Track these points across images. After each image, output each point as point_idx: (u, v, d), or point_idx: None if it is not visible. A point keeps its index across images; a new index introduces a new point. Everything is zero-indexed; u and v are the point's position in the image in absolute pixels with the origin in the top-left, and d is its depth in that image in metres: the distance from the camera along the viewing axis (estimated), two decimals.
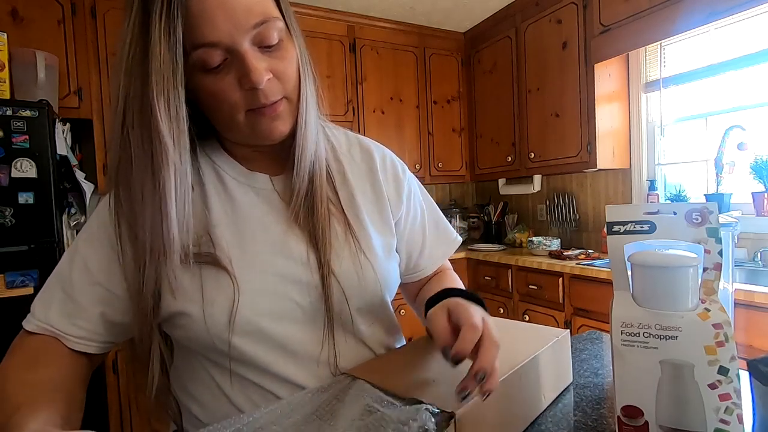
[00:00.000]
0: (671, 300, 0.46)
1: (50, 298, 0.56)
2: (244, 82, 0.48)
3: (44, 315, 0.55)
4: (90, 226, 0.57)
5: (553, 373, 0.61)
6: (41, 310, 0.56)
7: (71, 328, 0.55)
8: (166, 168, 0.47)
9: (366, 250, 0.59)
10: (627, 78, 2.31)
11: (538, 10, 2.50)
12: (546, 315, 2.22)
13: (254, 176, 0.60)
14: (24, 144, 1.59)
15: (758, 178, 1.80)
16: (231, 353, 0.53)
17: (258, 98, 0.50)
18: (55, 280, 0.57)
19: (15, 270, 1.58)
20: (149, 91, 0.45)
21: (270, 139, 0.54)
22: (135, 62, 0.46)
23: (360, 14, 2.72)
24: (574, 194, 2.67)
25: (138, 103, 0.46)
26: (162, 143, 0.46)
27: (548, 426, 0.56)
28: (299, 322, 0.56)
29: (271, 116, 0.52)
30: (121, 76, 0.47)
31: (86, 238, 0.57)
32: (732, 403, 0.43)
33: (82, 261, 0.56)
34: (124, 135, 0.48)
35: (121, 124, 0.48)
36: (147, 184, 0.47)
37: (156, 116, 0.45)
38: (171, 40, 0.44)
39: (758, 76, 1.86)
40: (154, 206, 0.48)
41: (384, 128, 2.82)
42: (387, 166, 0.69)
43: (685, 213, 0.47)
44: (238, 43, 0.47)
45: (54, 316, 0.55)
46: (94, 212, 0.58)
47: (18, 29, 1.90)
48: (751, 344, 1.44)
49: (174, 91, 0.46)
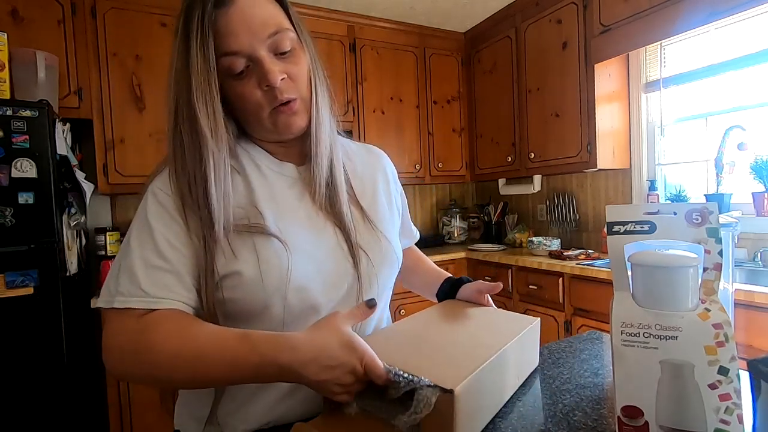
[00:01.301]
0: (671, 300, 0.46)
1: (153, 275, 0.56)
2: (262, 83, 0.59)
3: (157, 290, 0.56)
4: (150, 211, 0.59)
5: (526, 358, 0.69)
6: (155, 289, 0.56)
7: (184, 295, 0.58)
8: (207, 154, 0.58)
9: (382, 230, 0.71)
10: (627, 78, 2.31)
11: (538, 10, 2.50)
12: (546, 315, 2.22)
13: (284, 165, 0.69)
14: (24, 144, 1.59)
15: (758, 178, 1.80)
16: (285, 310, 0.60)
17: (275, 96, 0.60)
18: (140, 262, 0.57)
19: (15, 270, 1.58)
20: (192, 94, 0.57)
21: (290, 132, 0.64)
22: (180, 73, 0.58)
23: (360, 14, 2.72)
24: (574, 194, 2.67)
25: (185, 105, 0.58)
26: (202, 134, 0.58)
27: (548, 426, 0.56)
28: (336, 287, 0.64)
29: (288, 114, 0.62)
30: (172, 84, 0.60)
31: (156, 218, 0.59)
32: (732, 403, 0.43)
33: (164, 238, 0.58)
34: (177, 131, 0.59)
35: (173, 122, 0.59)
36: (196, 169, 0.58)
37: (196, 113, 0.57)
38: (206, 53, 0.56)
39: (758, 76, 1.86)
40: (200, 186, 0.58)
41: (384, 128, 2.82)
42: (390, 166, 0.85)
43: (685, 213, 0.47)
44: (256, 51, 0.58)
45: (170, 289, 0.56)
46: (146, 202, 0.60)
47: (18, 29, 1.90)
48: (751, 344, 1.44)
49: (210, 93, 0.58)
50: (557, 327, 2.16)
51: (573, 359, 0.78)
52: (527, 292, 2.33)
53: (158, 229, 0.58)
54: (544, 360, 0.78)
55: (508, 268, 2.46)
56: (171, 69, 0.60)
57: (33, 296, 1.60)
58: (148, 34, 2.15)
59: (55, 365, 1.65)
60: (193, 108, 0.57)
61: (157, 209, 0.59)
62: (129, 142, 2.12)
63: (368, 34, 2.77)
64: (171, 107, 0.60)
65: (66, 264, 1.74)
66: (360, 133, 2.74)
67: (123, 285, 0.56)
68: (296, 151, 0.71)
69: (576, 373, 0.71)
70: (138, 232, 0.59)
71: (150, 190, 0.61)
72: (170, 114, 0.60)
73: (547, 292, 2.21)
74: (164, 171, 0.62)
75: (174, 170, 0.60)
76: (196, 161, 0.58)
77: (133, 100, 2.13)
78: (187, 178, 0.59)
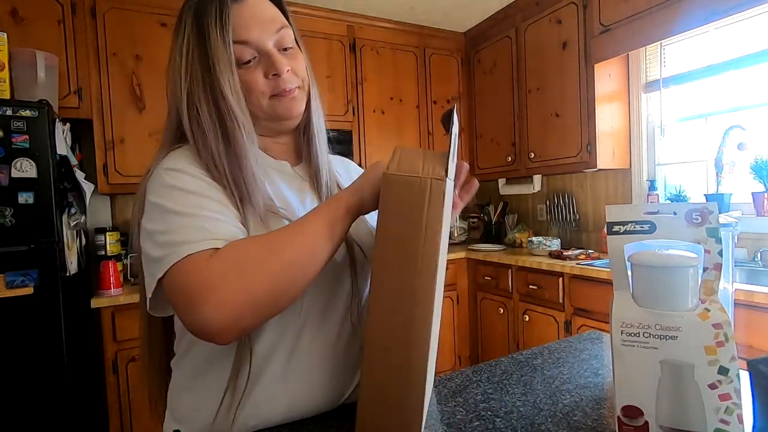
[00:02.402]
0: (671, 300, 0.46)
1: (215, 224, 0.54)
2: (269, 72, 0.63)
3: (225, 230, 0.54)
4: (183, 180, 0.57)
5: None
6: (219, 231, 0.53)
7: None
8: (239, 131, 0.60)
9: (370, 220, 0.73)
10: (627, 78, 2.31)
11: (538, 10, 2.50)
12: (546, 315, 2.22)
13: (281, 163, 0.70)
14: (24, 144, 1.59)
15: (758, 178, 1.80)
16: None
17: (279, 85, 0.63)
18: (189, 220, 0.53)
19: (15, 270, 1.58)
20: (216, 77, 0.59)
21: (290, 115, 0.66)
22: (196, 62, 0.61)
23: (360, 14, 2.72)
24: (574, 194, 2.67)
25: (204, 89, 0.60)
26: (232, 111, 0.60)
27: (548, 426, 0.56)
28: (334, 276, 0.66)
29: (289, 98, 0.65)
30: (182, 74, 0.61)
31: (191, 184, 0.57)
32: (732, 403, 0.43)
33: (203, 196, 0.56)
34: (192, 115, 0.61)
35: (187, 107, 0.61)
36: (219, 146, 0.60)
37: (224, 93, 0.60)
38: (225, 40, 0.59)
39: (758, 76, 1.86)
40: (231, 162, 0.59)
41: (384, 128, 2.82)
42: (358, 171, 0.88)
43: (685, 213, 0.47)
44: (265, 43, 0.62)
45: (230, 225, 0.56)
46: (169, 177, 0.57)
47: (18, 29, 1.90)
48: (751, 344, 1.44)
49: (232, 75, 0.60)
50: (557, 327, 2.16)
51: (573, 359, 0.78)
52: (527, 292, 2.33)
53: (194, 190, 0.56)
54: (544, 360, 0.78)
55: (508, 268, 2.46)
56: (179, 61, 0.62)
57: (33, 296, 1.60)
58: (148, 34, 2.15)
59: (55, 365, 1.65)
60: (218, 89, 0.59)
61: (189, 179, 0.57)
62: (129, 142, 2.12)
63: (368, 34, 2.77)
64: (181, 95, 0.61)
65: (66, 264, 1.74)
66: (360, 133, 2.74)
67: (185, 235, 0.51)
68: (290, 149, 0.73)
69: (576, 373, 0.72)
70: (174, 201, 0.55)
71: (165, 169, 0.58)
72: (180, 100, 0.61)
73: (547, 292, 2.21)
74: (173, 153, 0.61)
75: (197, 151, 0.60)
76: (219, 140, 0.60)
77: (133, 100, 2.13)
78: (211, 156, 0.59)
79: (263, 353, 0.60)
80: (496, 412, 0.60)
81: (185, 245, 0.50)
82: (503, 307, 2.51)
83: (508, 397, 0.65)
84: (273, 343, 0.61)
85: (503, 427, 0.56)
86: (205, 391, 0.62)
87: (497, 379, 0.71)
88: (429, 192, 0.49)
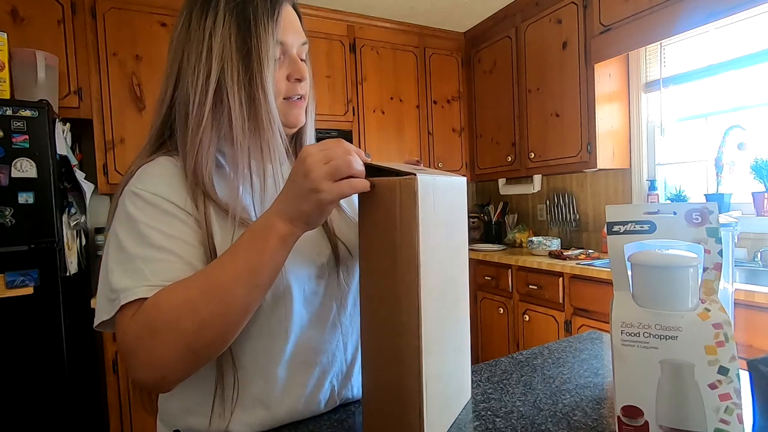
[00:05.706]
0: (671, 300, 0.46)
1: (154, 266, 0.54)
2: (292, 75, 0.66)
3: (162, 278, 0.54)
4: (142, 214, 0.57)
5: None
6: (158, 275, 0.53)
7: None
8: (269, 125, 0.62)
9: (353, 217, 0.75)
10: (627, 78, 2.31)
11: (538, 10, 2.50)
12: (546, 315, 2.22)
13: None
14: (24, 144, 1.59)
15: (758, 178, 1.80)
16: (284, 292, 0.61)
17: (296, 89, 0.67)
18: (133, 263, 0.55)
19: (15, 270, 1.58)
20: (260, 71, 0.61)
21: (297, 123, 0.70)
22: (232, 47, 0.60)
23: (360, 14, 2.72)
24: (574, 194, 2.67)
25: (238, 78, 0.60)
26: (269, 107, 0.62)
27: (548, 426, 0.56)
28: (320, 277, 0.67)
29: (299, 107, 0.69)
30: (213, 60, 0.60)
31: (150, 215, 0.57)
32: (732, 403, 0.43)
33: (158, 231, 0.56)
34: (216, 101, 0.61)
35: (213, 92, 0.60)
36: (245, 139, 0.61)
37: (265, 89, 0.61)
38: (275, 37, 0.62)
39: (758, 76, 1.86)
40: (253, 151, 0.62)
41: (384, 128, 2.82)
42: None
43: (685, 213, 0.47)
44: (293, 48, 0.67)
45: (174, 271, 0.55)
46: (128, 203, 0.58)
47: (18, 29, 1.90)
48: (751, 344, 1.44)
49: (274, 73, 0.63)
50: (557, 327, 2.16)
51: (573, 359, 0.78)
52: (527, 292, 2.33)
53: (148, 224, 0.56)
54: (544, 360, 0.78)
55: (508, 268, 2.46)
56: (207, 35, 0.61)
57: (33, 296, 1.60)
58: (148, 34, 2.14)
59: (55, 365, 1.65)
60: (260, 79, 0.61)
61: (149, 209, 0.57)
62: (129, 142, 2.12)
63: (368, 34, 2.77)
64: (209, 81, 0.60)
65: (66, 264, 1.74)
66: (360, 132, 2.74)
67: (125, 280, 0.53)
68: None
69: (576, 373, 0.72)
70: (126, 232, 0.56)
71: (132, 191, 0.58)
72: (204, 86, 0.60)
73: (547, 292, 2.21)
74: (150, 166, 0.61)
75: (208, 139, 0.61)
76: (246, 131, 0.61)
77: (133, 100, 2.13)
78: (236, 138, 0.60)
79: (250, 359, 0.60)
80: (496, 412, 0.60)
81: (123, 293, 0.52)
82: (503, 307, 2.51)
83: (508, 397, 0.65)
84: (261, 348, 0.61)
85: (503, 427, 0.56)
86: (193, 400, 0.62)
87: (497, 379, 0.71)
88: (399, 191, 0.47)
